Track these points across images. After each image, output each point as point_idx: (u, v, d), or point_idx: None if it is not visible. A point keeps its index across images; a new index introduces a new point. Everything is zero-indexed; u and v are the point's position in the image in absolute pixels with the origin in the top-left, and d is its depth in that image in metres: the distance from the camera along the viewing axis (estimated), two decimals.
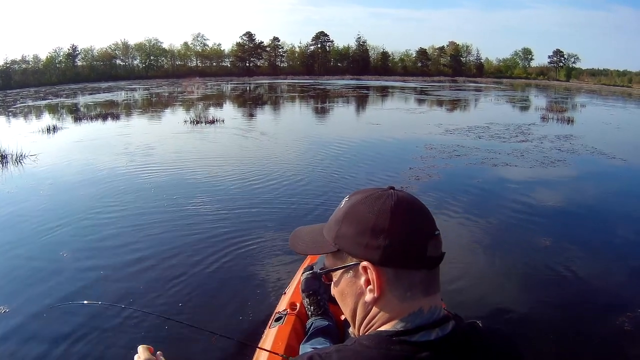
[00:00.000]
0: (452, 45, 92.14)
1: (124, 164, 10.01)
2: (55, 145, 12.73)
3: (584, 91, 52.37)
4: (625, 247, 6.03)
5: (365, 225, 0.88)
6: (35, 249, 5.49)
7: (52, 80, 52.12)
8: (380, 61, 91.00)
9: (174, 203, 7.17)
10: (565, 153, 11.86)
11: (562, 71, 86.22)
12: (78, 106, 25.90)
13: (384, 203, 0.89)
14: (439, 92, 39.20)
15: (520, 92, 45.63)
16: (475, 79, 74.98)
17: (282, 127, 17.03)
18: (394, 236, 0.86)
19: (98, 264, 5.00)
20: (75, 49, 62.71)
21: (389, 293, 0.88)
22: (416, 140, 13.41)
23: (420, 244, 0.87)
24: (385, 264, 0.87)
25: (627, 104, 35.16)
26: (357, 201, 0.92)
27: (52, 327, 3.81)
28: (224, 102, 27.76)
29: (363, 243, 0.88)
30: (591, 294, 4.73)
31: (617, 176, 10.09)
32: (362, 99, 33.19)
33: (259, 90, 40.13)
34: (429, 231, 0.89)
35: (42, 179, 8.76)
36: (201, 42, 79.44)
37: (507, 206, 7.39)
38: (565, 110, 23.70)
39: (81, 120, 18.43)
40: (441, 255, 0.91)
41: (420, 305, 0.89)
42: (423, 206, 0.92)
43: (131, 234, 5.92)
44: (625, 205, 7.95)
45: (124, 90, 33.80)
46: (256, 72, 76.58)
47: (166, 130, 15.59)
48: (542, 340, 3.83)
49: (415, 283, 0.88)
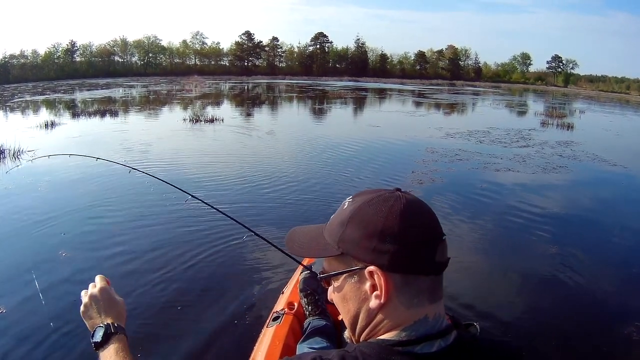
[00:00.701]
0: (450, 48, 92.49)
1: (122, 161, 9.81)
2: (53, 141, 12.56)
3: (581, 97, 52.62)
4: (630, 254, 5.98)
5: (374, 229, 0.84)
6: (32, 247, 5.37)
7: (50, 76, 51.89)
8: (378, 63, 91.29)
9: (171, 200, 6.98)
10: (566, 159, 11.83)
11: (560, 77, 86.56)
12: (76, 102, 25.71)
13: (392, 205, 0.85)
14: (438, 96, 39.23)
15: (518, 97, 45.80)
16: (474, 83, 75.28)
17: (282, 127, 16.88)
18: (404, 240, 0.83)
19: (99, 265, 4.88)
20: (74, 44, 62.73)
21: (396, 299, 0.85)
22: (417, 144, 13.37)
23: (429, 248, 0.85)
24: (394, 269, 0.84)
25: (626, 111, 35.34)
26: (364, 203, 0.88)
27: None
28: (223, 101, 27.71)
29: (370, 247, 0.84)
30: (595, 301, 4.66)
31: (619, 183, 10.06)
32: (361, 100, 33.19)
33: (257, 90, 40.10)
34: (437, 235, 0.87)
35: (40, 174, 8.63)
36: (200, 41, 79.61)
37: (509, 212, 7.31)
38: (564, 116, 23.74)
39: (79, 116, 18.30)
40: (447, 260, 0.89)
41: (425, 312, 0.86)
42: (430, 209, 0.90)
43: (127, 232, 5.81)
44: (627, 212, 7.92)
45: (122, 87, 33.55)
46: (254, 72, 76.59)
47: (165, 128, 15.47)
48: (545, 347, 3.77)
49: (423, 289, 0.86)
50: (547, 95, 51.94)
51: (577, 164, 11.35)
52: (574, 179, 10.02)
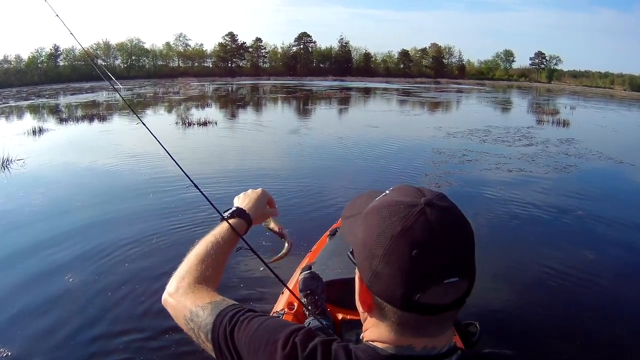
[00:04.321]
0: (434, 47, 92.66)
1: (120, 168, 9.64)
2: (43, 149, 12.05)
3: (566, 93, 53.15)
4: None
5: (369, 239, 0.78)
6: (35, 272, 4.92)
7: (34, 80, 51.05)
8: (362, 62, 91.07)
9: (166, 203, 7.00)
10: (573, 158, 11.74)
11: (543, 73, 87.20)
12: (62, 107, 24.91)
13: (394, 223, 0.75)
14: (427, 94, 39.10)
15: (505, 94, 46.00)
16: (458, 81, 75.53)
17: (275, 130, 16.50)
18: (383, 269, 0.75)
19: (105, 289, 4.49)
20: (57, 49, 61.73)
21: (377, 314, 0.81)
22: (422, 144, 13.17)
23: (411, 288, 0.73)
24: (371, 289, 0.79)
25: (614, 106, 35.74)
26: (380, 205, 0.80)
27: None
28: (211, 103, 27.06)
29: (361, 255, 0.80)
30: (605, 300, 4.67)
31: (632, 182, 9.99)
32: (352, 101, 32.95)
33: (242, 92, 39.52)
34: (435, 276, 0.73)
35: (33, 186, 8.16)
36: (183, 42, 78.38)
37: (531, 214, 7.20)
38: (557, 112, 23.81)
39: (67, 122, 17.60)
40: (449, 304, 0.76)
41: (410, 342, 0.79)
42: (448, 241, 0.75)
43: (129, 240, 5.62)
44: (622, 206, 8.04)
45: (107, 91, 32.83)
46: (238, 73, 75.77)
47: (156, 132, 14.96)
48: (544, 347, 3.77)
49: (404, 321, 0.78)
50: (532, 92, 52.53)
51: (586, 163, 11.23)
52: (586, 179, 9.90)
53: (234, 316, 0.94)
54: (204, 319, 0.97)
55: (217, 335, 0.94)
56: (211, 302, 1.01)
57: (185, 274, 1.10)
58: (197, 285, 1.07)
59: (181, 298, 1.05)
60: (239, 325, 0.92)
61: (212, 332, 0.95)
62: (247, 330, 0.90)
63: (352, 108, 28.10)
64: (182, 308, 1.03)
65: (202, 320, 0.97)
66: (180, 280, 1.09)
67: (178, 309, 1.05)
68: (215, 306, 0.99)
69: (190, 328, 1.00)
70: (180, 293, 1.06)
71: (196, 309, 1.00)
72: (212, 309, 0.98)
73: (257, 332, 0.89)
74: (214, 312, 0.97)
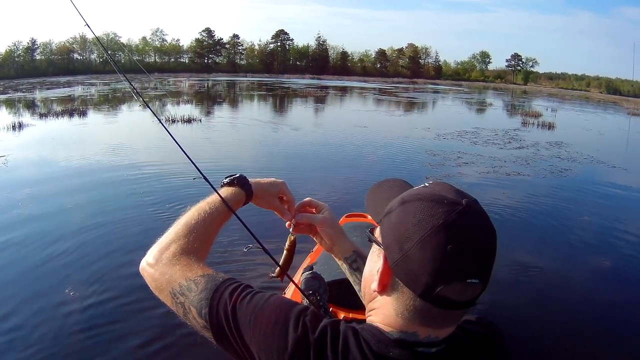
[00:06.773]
0: (410, 47, 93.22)
1: (108, 164, 9.37)
2: (25, 145, 11.50)
3: (543, 95, 54.00)
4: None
5: (407, 223, 0.77)
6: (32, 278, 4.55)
7: (11, 74, 50.22)
8: (339, 61, 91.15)
9: (159, 201, 6.88)
10: (567, 162, 11.77)
11: (519, 75, 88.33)
12: (41, 101, 24.06)
13: (437, 214, 0.75)
14: (406, 94, 39.18)
15: (482, 95, 46.54)
16: (434, 81, 76.18)
17: (265, 130, 16.17)
18: (415, 254, 0.75)
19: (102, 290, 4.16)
20: (34, 42, 60.71)
21: (389, 297, 0.81)
22: (415, 146, 13.02)
23: (436, 279, 0.74)
24: (394, 270, 0.79)
25: (592, 109, 36.51)
26: (424, 195, 0.79)
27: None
28: (191, 100, 26.52)
29: (392, 236, 0.79)
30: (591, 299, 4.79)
31: (627, 187, 9.95)
32: (333, 99, 32.76)
33: (218, 88, 39.07)
34: (460, 274, 0.75)
35: (18, 186, 7.68)
36: (160, 37, 77.18)
37: (537, 218, 7.23)
38: (540, 115, 24.07)
39: (47, 117, 16.93)
40: (466, 302, 0.77)
41: (415, 330, 0.80)
42: (480, 244, 0.76)
43: (128, 243, 5.43)
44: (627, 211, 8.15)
45: (83, 86, 32.03)
46: (215, 69, 74.97)
47: (138, 128, 14.84)
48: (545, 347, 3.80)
49: (416, 308, 0.78)
50: (508, 93, 53.20)
51: (580, 167, 11.29)
52: (584, 182, 9.91)
53: (234, 292, 0.88)
54: (197, 293, 0.90)
55: (214, 312, 0.87)
56: (203, 274, 0.94)
57: (171, 243, 1.01)
58: (184, 256, 0.99)
59: (165, 269, 0.97)
60: (239, 303, 0.86)
61: (208, 308, 0.88)
62: (250, 307, 0.86)
63: (336, 107, 27.91)
64: (167, 280, 0.95)
65: (195, 296, 0.90)
66: (165, 249, 1.00)
67: (161, 280, 0.96)
68: (209, 280, 0.92)
69: (178, 302, 0.93)
70: (164, 263, 0.98)
71: (187, 282, 0.93)
72: (207, 282, 0.91)
73: (263, 311, 0.85)
74: (210, 286, 0.90)
